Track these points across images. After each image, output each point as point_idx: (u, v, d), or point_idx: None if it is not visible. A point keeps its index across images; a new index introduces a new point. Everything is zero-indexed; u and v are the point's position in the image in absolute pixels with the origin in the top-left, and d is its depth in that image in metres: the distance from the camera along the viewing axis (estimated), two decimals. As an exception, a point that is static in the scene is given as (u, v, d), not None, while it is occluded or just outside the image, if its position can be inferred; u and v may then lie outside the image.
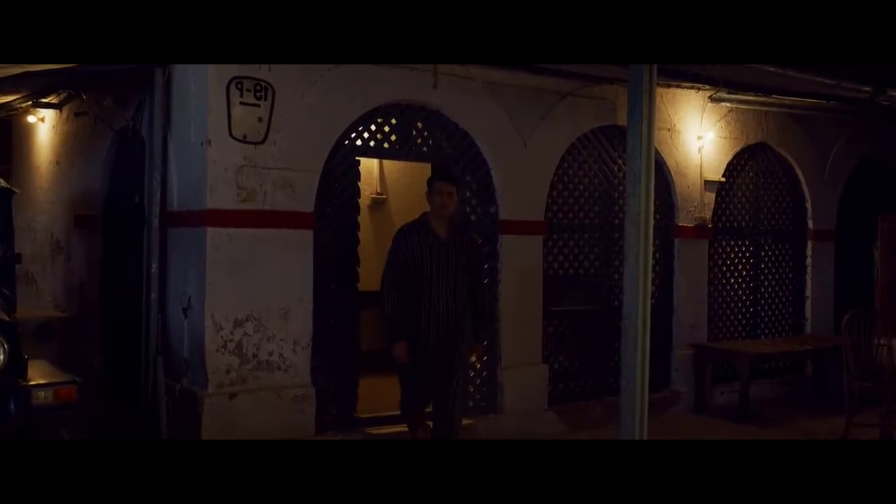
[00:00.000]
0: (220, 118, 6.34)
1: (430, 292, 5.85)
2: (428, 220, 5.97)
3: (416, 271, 5.85)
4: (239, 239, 6.43)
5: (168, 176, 6.81)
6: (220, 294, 6.37)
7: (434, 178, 5.99)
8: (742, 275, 9.77)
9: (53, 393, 4.40)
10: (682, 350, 9.02)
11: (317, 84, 6.71)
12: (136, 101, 7.23)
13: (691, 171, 9.08)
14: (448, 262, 5.88)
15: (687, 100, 8.97)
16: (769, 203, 10.03)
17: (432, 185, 5.94)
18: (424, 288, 5.85)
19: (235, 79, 6.37)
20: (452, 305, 5.89)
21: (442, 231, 5.94)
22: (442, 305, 5.86)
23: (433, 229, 5.92)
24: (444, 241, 5.91)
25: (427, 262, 5.85)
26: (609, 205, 8.62)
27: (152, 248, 6.78)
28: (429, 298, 5.85)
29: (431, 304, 5.86)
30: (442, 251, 5.88)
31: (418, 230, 5.93)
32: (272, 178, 6.53)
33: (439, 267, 5.87)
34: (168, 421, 6.50)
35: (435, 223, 5.95)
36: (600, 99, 8.29)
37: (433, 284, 5.86)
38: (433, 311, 5.86)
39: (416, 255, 5.85)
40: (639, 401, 4.41)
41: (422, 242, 5.87)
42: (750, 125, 9.60)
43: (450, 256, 5.89)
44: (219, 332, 6.36)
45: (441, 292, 5.86)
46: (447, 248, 5.90)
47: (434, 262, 5.86)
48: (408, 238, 5.91)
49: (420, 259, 5.85)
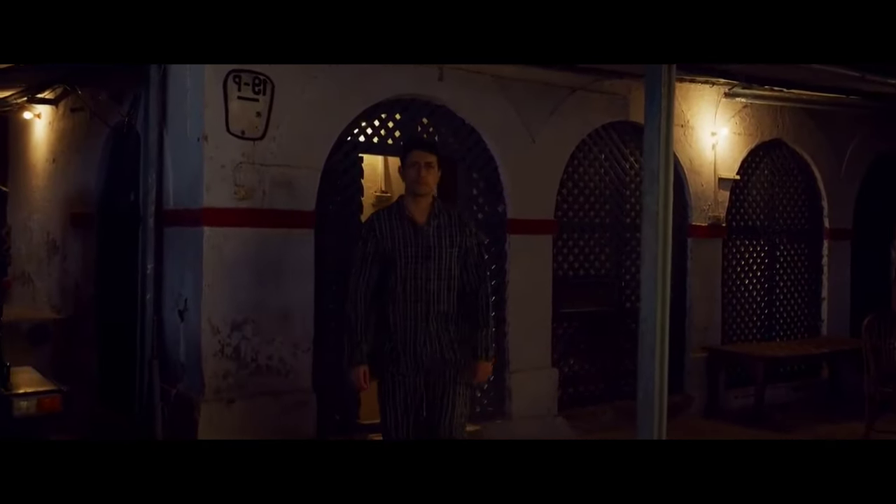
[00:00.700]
0: (217, 113, 6.12)
1: (409, 297, 4.67)
2: (403, 204, 4.79)
3: (391, 269, 4.71)
4: (237, 239, 6.21)
5: (164, 173, 6.59)
6: (217, 296, 6.15)
7: (407, 148, 4.86)
8: (757, 275, 9.53)
9: (37, 403, 4.16)
10: (695, 353, 8.79)
11: (318, 78, 6.47)
12: (132, 96, 7.03)
13: (705, 169, 8.85)
14: (431, 255, 4.69)
15: (700, 95, 8.74)
16: (784, 201, 9.79)
17: (405, 156, 4.81)
18: (401, 292, 4.68)
19: (233, 72, 6.15)
20: (442, 312, 4.70)
21: (421, 216, 4.75)
22: (426, 314, 4.67)
23: (409, 214, 4.73)
24: (424, 229, 4.72)
25: (403, 256, 4.67)
26: (620, 203, 8.40)
27: (147, 248, 6.56)
28: (407, 306, 4.67)
29: (412, 314, 4.67)
30: (422, 241, 4.70)
31: (391, 217, 4.76)
32: (271, 176, 6.31)
33: (420, 263, 4.68)
34: (164, 426, 6.28)
35: (411, 207, 4.76)
36: (611, 94, 8.06)
37: (413, 286, 4.67)
38: (415, 324, 4.66)
39: (389, 248, 4.68)
40: (657, 410, 4.16)
41: (395, 232, 4.70)
42: (765, 121, 9.36)
43: (433, 248, 4.71)
44: (216, 336, 6.13)
45: (425, 296, 4.67)
46: (429, 237, 4.72)
47: (412, 256, 4.67)
48: (378, 226, 4.74)
49: (394, 253, 4.68)
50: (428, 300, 4.66)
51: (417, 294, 4.66)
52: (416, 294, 4.66)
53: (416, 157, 4.72)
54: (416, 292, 4.67)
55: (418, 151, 4.73)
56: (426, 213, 4.76)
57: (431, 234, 4.72)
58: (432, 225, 4.74)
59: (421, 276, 4.66)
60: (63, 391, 4.30)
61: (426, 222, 4.74)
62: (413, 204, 4.76)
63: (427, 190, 4.73)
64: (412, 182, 4.72)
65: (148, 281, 6.55)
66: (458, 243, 4.78)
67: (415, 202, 4.75)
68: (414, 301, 4.66)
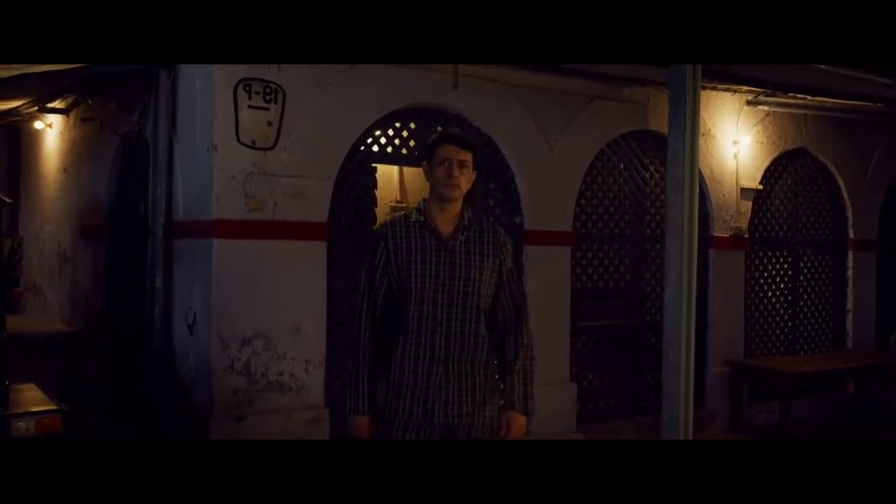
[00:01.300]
0: (226, 122, 5.97)
1: (425, 329, 3.67)
2: (425, 211, 3.81)
3: (404, 293, 3.72)
4: (247, 251, 6.05)
5: (173, 184, 6.44)
6: (227, 310, 5.99)
7: (436, 143, 3.84)
8: (780, 287, 9.32)
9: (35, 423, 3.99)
10: (718, 367, 8.57)
11: (330, 86, 6.32)
12: (142, 105, 6.89)
13: (727, 179, 8.65)
14: (457, 276, 3.71)
15: (722, 103, 8.55)
16: (808, 211, 9.58)
17: (433, 152, 3.82)
18: (415, 322, 3.68)
19: (243, 80, 6.00)
20: (467, 351, 3.71)
21: (447, 227, 3.78)
22: (445, 353, 3.67)
23: (432, 223, 3.76)
24: (450, 244, 3.74)
25: (421, 276, 3.69)
26: (640, 214, 8.23)
27: (156, 260, 6.41)
28: (421, 341, 3.67)
29: (426, 353, 3.67)
30: (446, 259, 3.72)
31: (409, 225, 3.79)
32: (282, 187, 6.15)
33: (442, 286, 3.69)
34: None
35: (436, 214, 3.79)
36: (631, 102, 7.90)
37: (431, 315, 3.68)
38: (430, 366, 3.67)
39: (404, 264, 3.72)
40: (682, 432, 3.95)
41: (413, 244, 3.74)
42: (788, 130, 9.15)
43: (460, 267, 3.72)
44: (225, 351, 5.98)
45: (445, 329, 3.67)
46: (455, 253, 3.74)
47: (432, 277, 3.70)
48: (392, 236, 3.78)
49: (409, 272, 3.70)
50: (449, 335, 3.68)
51: (436, 325, 3.67)
52: (435, 325, 3.67)
53: (447, 153, 3.75)
54: (434, 323, 3.67)
55: (450, 146, 3.77)
56: (453, 223, 3.78)
57: (459, 251, 3.74)
58: (460, 238, 3.75)
59: (442, 303, 3.67)
60: (64, 411, 4.14)
61: (453, 235, 3.75)
62: (438, 211, 3.78)
63: (458, 194, 3.76)
64: (441, 183, 3.74)
65: (157, 294, 6.41)
66: (492, 264, 3.80)
67: (441, 209, 3.78)
68: (431, 334, 3.66)
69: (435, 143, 3.85)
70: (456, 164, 3.74)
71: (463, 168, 3.75)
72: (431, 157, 3.81)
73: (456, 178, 3.73)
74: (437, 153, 3.78)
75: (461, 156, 3.76)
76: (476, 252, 3.78)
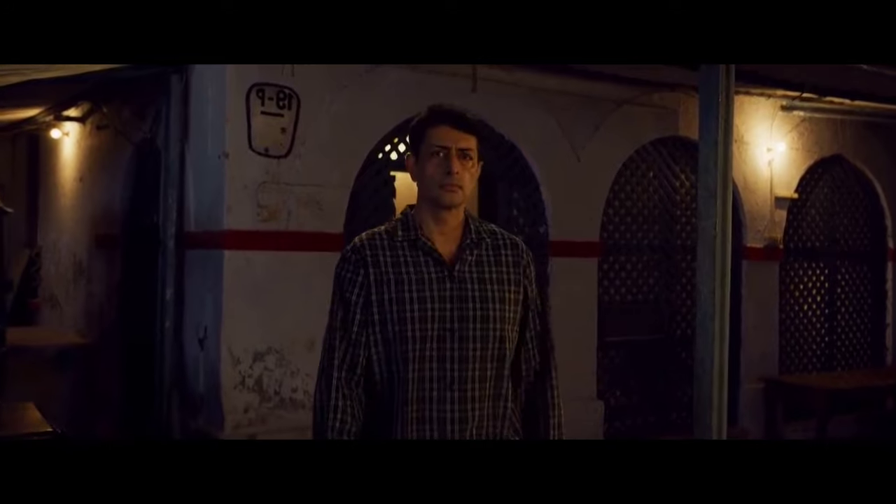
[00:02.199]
0: (239, 129, 5.79)
1: (430, 399, 2.56)
2: (414, 223, 2.69)
3: (397, 345, 2.58)
4: (260, 263, 5.87)
5: (185, 193, 6.29)
6: (239, 324, 5.80)
7: (424, 125, 2.70)
8: (816, 300, 9.00)
9: (25, 447, 3.78)
10: (751, 384, 8.26)
11: (346, 91, 6.12)
12: (154, 112, 6.74)
13: (760, 187, 8.36)
14: (470, 315, 2.59)
15: (755, 108, 8.27)
16: (845, 221, 9.26)
17: (421, 138, 2.69)
18: (417, 389, 2.57)
19: (256, 86, 5.82)
20: (489, 427, 2.63)
21: (447, 244, 2.68)
22: (461, 429, 2.57)
23: (427, 242, 2.65)
24: (458, 270, 2.63)
25: (419, 320, 2.57)
26: (670, 224, 7.96)
27: (167, 272, 6.28)
28: (427, 416, 2.57)
29: (436, 433, 2.57)
30: (453, 293, 2.61)
31: (393, 244, 2.65)
32: (297, 196, 5.97)
33: (450, 332, 2.57)
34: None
35: (431, 228, 2.67)
36: (660, 107, 7.64)
37: (436, 377, 2.57)
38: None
39: (394, 305, 2.58)
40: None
41: (404, 274, 2.60)
42: (824, 136, 8.84)
43: (474, 302, 2.61)
44: (236, 367, 5.78)
45: (459, 396, 2.57)
46: (464, 282, 2.62)
47: (436, 319, 2.57)
48: (373, 264, 2.62)
49: (403, 316, 2.57)
50: (464, 402, 2.57)
51: (444, 391, 2.56)
52: (443, 391, 2.56)
53: (441, 139, 2.62)
54: (441, 388, 2.56)
55: (446, 129, 2.63)
56: (456, 239, 2.68)
57: (469, 278, 2.62)
58: (468, 260, 2.65)
59: (452, 357, 2.57)
60: (58, 433, 3.93)
61: (458, 256, 2.65)
62: (434, 224, 2.66)
63: (460, 198, 2.64)
64: (435, 184, 2.63)
65: (168, 307, 6.29)
66: (514, 293, 2.68)
67: (437, 220, 2.66)
68: (439, 403, 2.56)
69: (422, 124, 2.68)
70: (455, 155, 2.61)
71: (465, 160, 2.63)
72: (419, 147, 2.68)
73: (457, 176, 2.60)
74: (426, 140, 2.65)
75: (462, 142, 2.63)
76: (493, 278, 2.65)
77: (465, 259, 2.66)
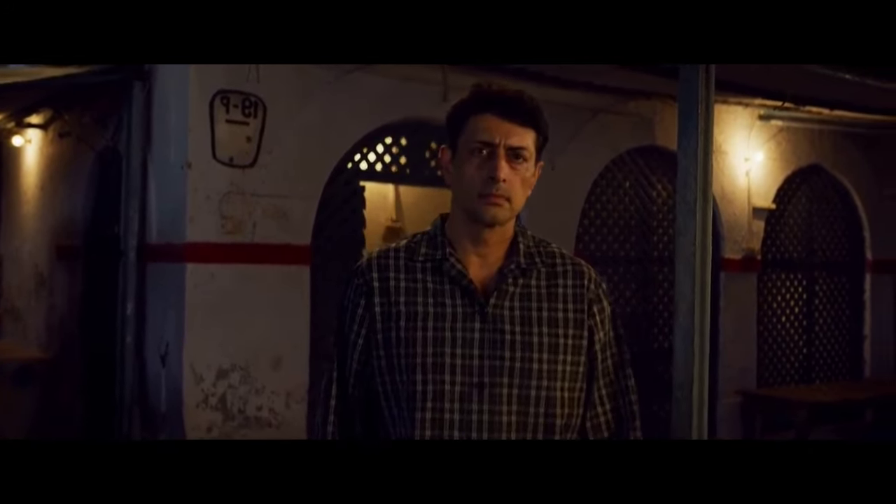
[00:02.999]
0: (202, 138, 5.64)
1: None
2: (444, 240, 2.07)
3: (400, 396, 2.00)
4: (223, 277, 5.71)
5: (147, 203, 6.14)
6: (201, 340, 5.65)
7: (468, 110, 2.05)
8: (794, 312, 8.92)
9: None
10: (729, 398, 8.16)
11: (315, 98, 5.98)
12: (116, 119, 6.57)
13: (738, 197, 8.27)
14: (506, 369, 1.97)
15: (733, 118, 8.18)
16: (823, 232, 9.20)
17: (461, 127, 2.05)
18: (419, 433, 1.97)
19: (220, 93, 5.66)
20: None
21: (485, 269, 2.05)
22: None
23: (458, 265, 2.03)
24: (495, 304, 2.01)
25: (436, 371, 1.96)
26: (647, 235, 7.88)
27: (128, 285, 6.13)
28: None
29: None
30: (485, 335, 1.98)
31: (411, 268, 2.06)
32: (262, 207, 5.82)
33: (479, 387, 1.96)
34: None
35: (466, 247, 2.06)
36: (637, 116, 7.55)
37: (459, 437, 1.95)
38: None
39: (402, 349, 1.99)
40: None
41: (421, 306, 2.01)
42: (802, 146, 8.77)
43: (512, 350, 1.98)
44: (199, 385, 5.62)
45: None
46: (505, 322, 2.00)
47: (459, 372, 1.96)
48: (380, 292, 2.05)
49: (413, 363, 1.97)
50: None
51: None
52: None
53: (486, 131, 2.01)
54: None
55: (494, 119, 2.01)
56: (497, 262, 2.07)
57: (507, 317, 2.01)
58: (509, 292, 2.03)
59: (476, 425, 1.96)
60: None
61: (497, 286, 2.03)
62: (470, 242, 2.06)
63: (505, 215, 2.02)
64: (472, 190, 2.01)
65: (128, 321, 6.14)
66: (574, 339, 2.05)
67: (475, 239, 2.06)
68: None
69: (464, 109, 2.06)
70: (504, 155, 2.00)
71: (517, 162, 2.02)
72: (457, 139, 2.06)
73: (504, 184, 1.98)
74: (466, 130, 2.03)
75: (514, 137, 2.01)
76: (543, 317, 2.03)
77: (505, 290, 2.02)
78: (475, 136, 2.01)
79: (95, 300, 7.25)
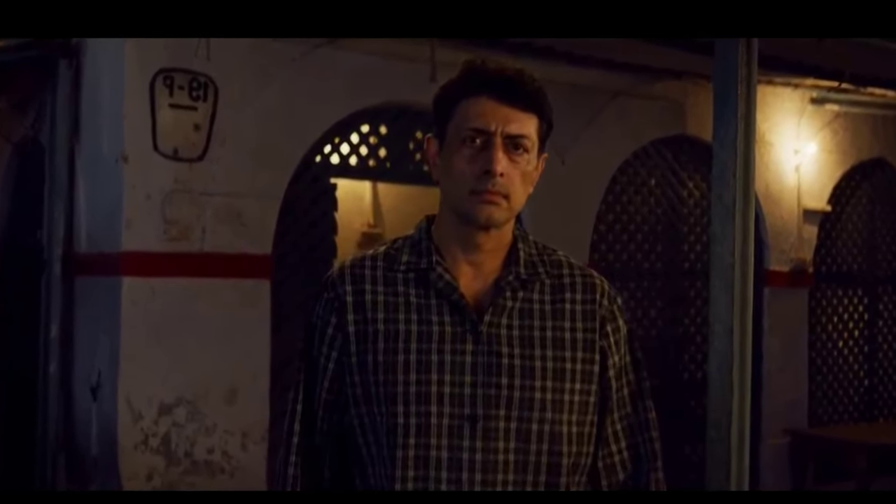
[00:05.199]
0: (141, 125, 5.79)
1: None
2: (428, 244, 2.07)
3: (378, 430, 1.98)
4: (167, 293, 5.86)
5: (75, 204, 6.28)
6: (140, 369, 5.79)
7: (461, 91, 2.03)
8: (854, 335, 9.16)
9: None
10: (774, 438, 8.35)
11: (276, 79, 6.14)
12: (38, 104, 6.74)
13: (786, 197, 8.47)
14: (503, 398, 1.95)
15: (780, 102, 8.37)
16: (889, 239, 9.47)
17: (450, 111, 2.03)
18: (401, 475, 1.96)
19: (163, 72, 5.83)
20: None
21: (479, 281, 2.05)
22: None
23: (446, 275, 2.03)
24: (491, 322, 2.00)
25: (420, 402, 1.96)
26: (676, 243, 8.07)
27: (52, 303, 6.25)
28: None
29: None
30: (478, 359, 1.97)
31: (393, 279, 2.06)
32: (214, 208, 5.98)
33: (471, 421, 1.95)
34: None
35: (456, 254, 2.05)
36: (664, 99, 7.76)
37: (448, 479, 1.94)
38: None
39: (381, 375, 1.99)
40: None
41: (402, 323, 2.02)
42: (863, 135, 9.04)
43: (511, 377, 1.97)
44: (137, 423, 5.77)
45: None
46: (502, 344, 1.99)
47: (447, 403, 1.95)
48: (353, 307, 2.05)
49: (394, 392, 1.97)
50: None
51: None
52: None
53: (480, 117, 2.00)
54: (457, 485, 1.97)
55: (490, 102, 2.01)
56: (493, 272, 2.07)
57: (504, 337, 2.01)
58: (506, 308, 2.03)
59: (467, 464, 1.95)
60: None
61: (492, 300, 2.03)
62: (460, 248, 2.06)
63: (501, 216, 2.01)
64: (464, 186, 2.01)
65: (52, 347, 6.25)
66: (583, 363, 2.04)
67: (465, 244, 2.06)
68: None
69: (453, 91, 2.07)
70: (501, 145, 1.98)
71: (517, 153, 2.01)
72: (445, 125, 2.06)
73: (501, 179, 1.98)
74: (456, 116, 2.03)
75: (513, 124, 2.00)
76: (546, 338, 2.03)
77: (501, 306, 2.01)
78: (467, 123, 2.01)
79: (12, 321, 7.32)
